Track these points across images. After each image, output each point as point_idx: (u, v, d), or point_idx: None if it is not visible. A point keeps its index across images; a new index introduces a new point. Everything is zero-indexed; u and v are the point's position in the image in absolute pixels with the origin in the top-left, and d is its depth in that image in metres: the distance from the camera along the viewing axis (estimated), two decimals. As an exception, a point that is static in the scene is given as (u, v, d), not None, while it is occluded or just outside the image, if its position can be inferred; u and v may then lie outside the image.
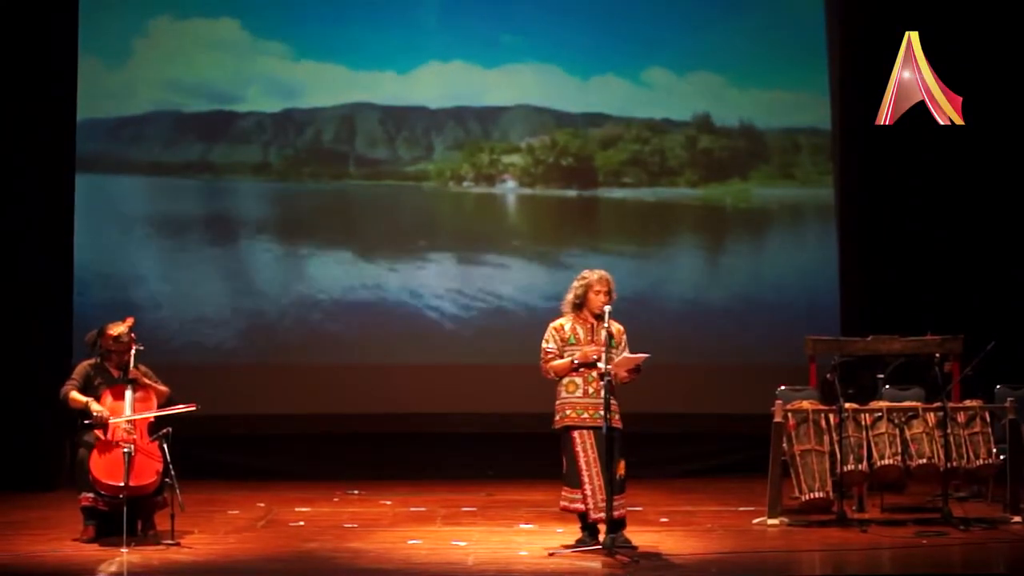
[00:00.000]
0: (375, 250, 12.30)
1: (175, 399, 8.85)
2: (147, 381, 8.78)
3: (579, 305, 8.31)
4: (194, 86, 12.30)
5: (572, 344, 8.23)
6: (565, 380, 8.23)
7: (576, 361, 8.17)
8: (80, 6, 11.92)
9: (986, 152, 11.89)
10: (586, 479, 8.12)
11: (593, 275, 8.32)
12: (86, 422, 8.54)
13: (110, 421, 8.51)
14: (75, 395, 8.61)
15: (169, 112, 12.33)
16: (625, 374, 8.19)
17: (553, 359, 8.24)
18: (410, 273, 12.27)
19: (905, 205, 12.16)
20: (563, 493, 8.24)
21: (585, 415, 8.13)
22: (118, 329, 8.81)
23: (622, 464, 8.13)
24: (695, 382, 11.73)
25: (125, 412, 8.58)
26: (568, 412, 8.20)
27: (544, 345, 8.29)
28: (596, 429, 8.05)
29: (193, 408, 8.59)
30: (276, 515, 9.78)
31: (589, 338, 8.21)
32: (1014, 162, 11.98)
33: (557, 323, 8.34)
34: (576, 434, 8.16)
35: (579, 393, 8.19)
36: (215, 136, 12.40)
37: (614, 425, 8.07)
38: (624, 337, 8.34)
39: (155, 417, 8.62)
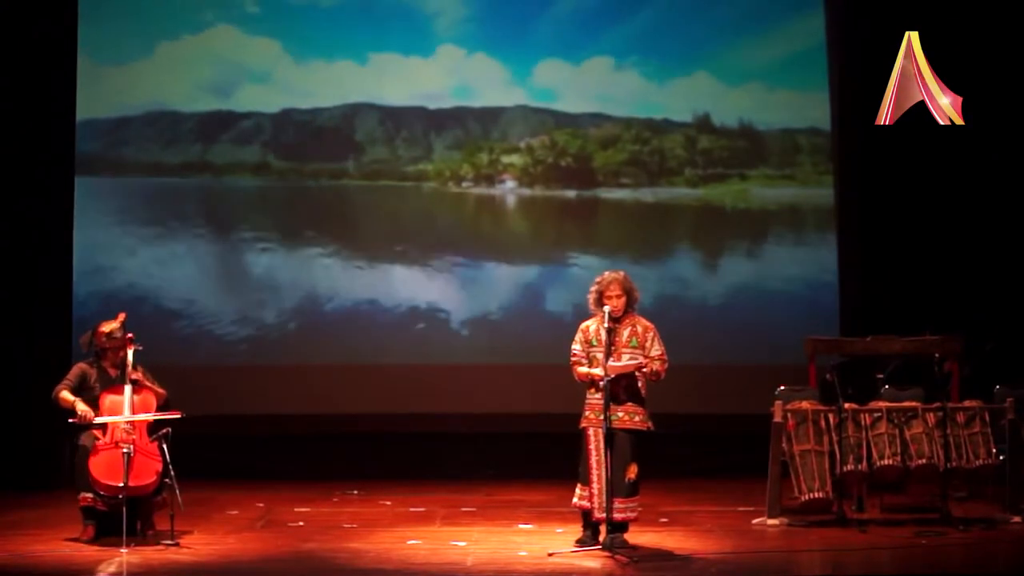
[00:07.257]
0: (374, 250, 12.30)
1: (172, 400, 8.84)
2: (146, 383, 8.78)
3: (601, 305, 8.32)
4: (193, 86, 12.30)
5: (594, 346, 8.27)
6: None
7: (590, 376, 8.22)
8: (80, 6, 11.93)
9: (986, 152, 11.88)
10: (594, 478, 8.16)
11: (606, 278, 8.34)
12: (70, 420, 8.58)
13: (106, 421, 8.52)
14: (64, 395, 8.66)
15: (168, 112, 12.33)
16: (649, 371, 8.19)
17: (578, 362, 8.30)
18: (409, 273, 12.26)
19: (904, 205, 12.14)
20: (576, 489, 8.29)
21: (601, 416, 8.14)
22: (110, 326, 8.81)
23: (633, 468, 8.15)
24: (695, 382, 11.67)
25: (124, 412, 8.58)
26: (586, 412, 8.27)
27: (572, 347, 8.36)
28: (613, 430, 8.07)
29: (179, 416, 8.57)
30: (275, 515, 9.78)
31: (609, 339, 8.22)
32: (1013, 162, 11.98)
33: (584, 324, 8.40)
34: (591, 433, 8.22)
35: (597, 395, 8.21)
36: (214, 136, 12.39)
37: (637, 428, 8.17)
38: (650, 334, 8.31)
39: (149, 420, 8.63)
